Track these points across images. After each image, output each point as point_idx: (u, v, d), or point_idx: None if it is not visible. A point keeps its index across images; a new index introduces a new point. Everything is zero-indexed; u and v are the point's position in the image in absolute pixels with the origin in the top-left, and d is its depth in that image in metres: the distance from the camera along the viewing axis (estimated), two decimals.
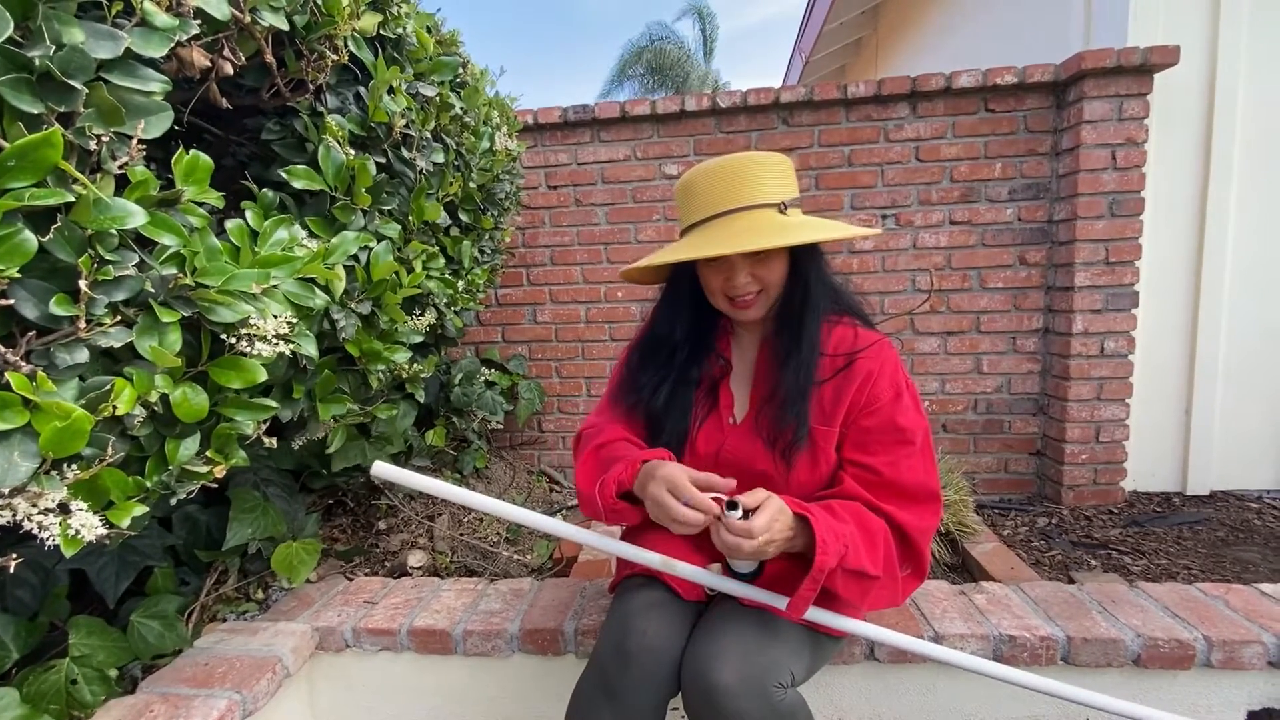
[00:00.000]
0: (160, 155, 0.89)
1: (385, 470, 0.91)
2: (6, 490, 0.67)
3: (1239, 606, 1.23)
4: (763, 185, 0.94)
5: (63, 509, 0.72)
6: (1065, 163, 2.13)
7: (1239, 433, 2.18)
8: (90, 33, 0.68)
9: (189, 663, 1.16)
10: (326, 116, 1.11)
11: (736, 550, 0.83)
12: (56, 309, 0.69)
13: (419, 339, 1.40)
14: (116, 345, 0.75)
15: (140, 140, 0.75)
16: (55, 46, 0.65)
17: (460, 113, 1.54)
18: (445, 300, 1.55)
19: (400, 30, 1.25)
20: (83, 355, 0.72)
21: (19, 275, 0.64)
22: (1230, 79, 2.05)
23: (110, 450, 0.76)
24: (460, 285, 1.63)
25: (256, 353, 0.88)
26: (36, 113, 0.65)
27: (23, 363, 0.67)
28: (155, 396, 0.79)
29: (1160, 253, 2.13)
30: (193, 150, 0.84)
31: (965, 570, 1.72)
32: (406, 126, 1.28)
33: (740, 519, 0.83)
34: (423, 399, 1.54)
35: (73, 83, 0.67)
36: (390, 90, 1.21)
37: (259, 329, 0.88)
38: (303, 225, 1.08)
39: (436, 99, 1.39)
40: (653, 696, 0.92)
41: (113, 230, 0.72)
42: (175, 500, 0.91)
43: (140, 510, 0.81)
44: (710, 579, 0.95)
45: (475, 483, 2.29)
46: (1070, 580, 1.62)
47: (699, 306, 1.07)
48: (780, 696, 0.86)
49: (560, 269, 2.51)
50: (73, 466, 0.73)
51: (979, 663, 0.95)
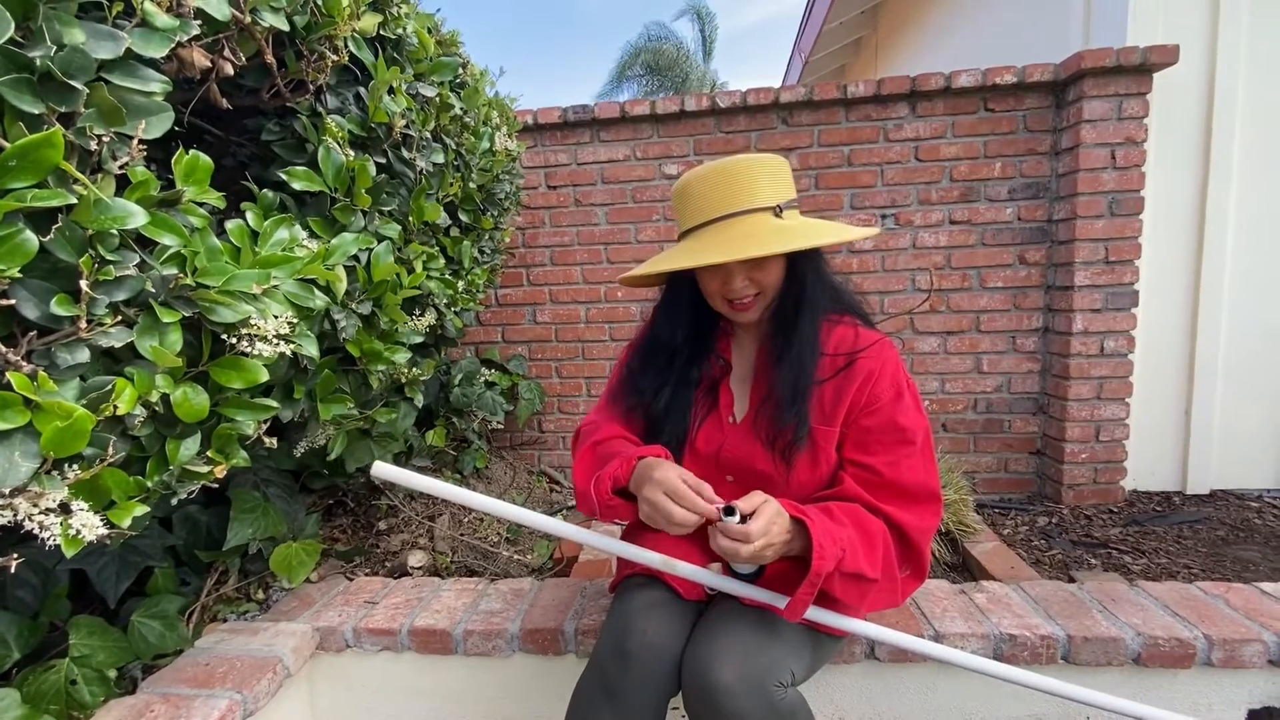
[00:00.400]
0: (160, 155, 0.89)
1: (385, 470, 0.91)
2: (7, 490, 0.67)
3: (1239, 605, 1.23)
4: (758, 189, 0.93)
5: (64, 509, 0.72)
6: (1065, 162, 2.13)
7: (1239, 432, 2.18)
8: (91, 33, 0.69)
9: (189, 663, 1.16)
10: (326, 117, 1.11)
11: (734, 555, 0.83)
12: (57, 309, 0.69)
13: (419, 339, 1.40)
14: (117, 345, 0.75)
15: (141, 141, 0.75)
16: (56, 47, 0.66)
17: (460, 113, 1.55)
18: (445, 301, 1.55)
19: (400, 31, 1.25)
20: (84, 355, 0.73)
21: (20, 275, 0.64)
22: (1230, 78, 2.05)
23: (111, 450, 0.76)
24: (460, 285, 1.63)
25: (257, 353, 0.88)
26: (37, 113, 0.65)
27: (24, 363, 0.67)
28: (156, 396, 0.80)
29: (1160, 252, 2.13)
30: (193, 151, 0.84)
31: (965, 569, 1.72)
32: (406, 127, 1.28)
33: (737, 524, 0.83)
34: (421, 402, 1.54)
35: (73, 83, 0.67)
36: (390, 91, 1.21)
37: (260, 329, 0.88)
38: (303, 226, 1.08)
39: (436, 99, 1.39)
40: (653, 696, 0.92)
41: (113, 230, 0.72)
42: (176, 500, 0.91)
43: (141, 510, 0.81)
44: (710, 578, 0.95)
45: (475, 483, 2.29)
46: (1070, 579, 1.62)
47: (698, 308, 1.07)
48: (780, 696, 0.86)
49: (560, 269, 2.52)
50: (74, 466, 0.73)
51: (979, 661, 0.95)
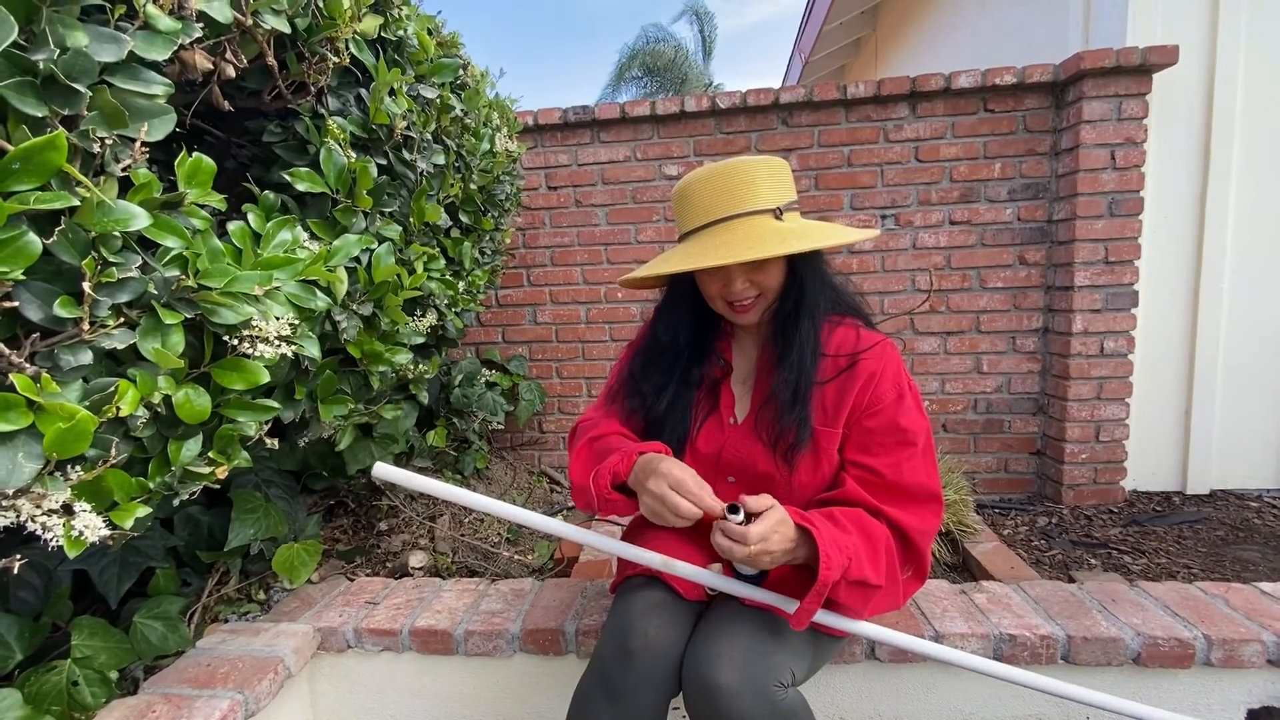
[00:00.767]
0: (162, 157, 0.89)
1: (386, 471, 0.92)
2: (11, 491, 0.67)
3: (1239, 605, 1.24)
4: (758, 191, 0.93)
5: (66, 510, 0.73)
6: (1065, 162, 2.13)
7: (1239, 432, 2.18)
8: (94, 36, 0.69)
9: (191, 663, 1.16)
10: (328, 119, 1.11)
11: (728, 554, 0.83)
12: (60, 311, 0.69)
13: (420, 340, 1.40)
14: (120, 347, 0.76)
15: (143, 143, 0.75)
16: (59, 50, 0.66)
17: (461, 114, 1.55)
18: (446, 301, 1.55)
19: (401, 32, 1.26)
20: (86, 357, 0.73)
21: (23, 277, 0.65)
22: (1229, 78, 2.05)
23: (114, 451, 0.76)
24: (461, 286, 1.64)
25: (259, 354, 0.88)
26: (40, 116, 0.66)
27: (27, 364, 0.68)
28: (158, 398, 0.80)
29: (1160, 252, 2.13)
30: (195, 153, 0.85)
31: (966, 570, 1.72)
32: (407, 128, 1.28)
33: (738, 523, 0.83)
34: (425, 400, 1.54)
35: (76, 86, 0.67)
36: (391, 92, 1.21)
37: (261, 330, 0.88)
38: (304, 227, 1.08)
39: (437, 101, 1.39)
40: (654, 696, 0.92)
41: (116, 232, 0.72)
42: (177, 501, 0.91)
43: (143, 511, 0.81)
44: (711, 579, 0.95)
45: (476, 483, 2.29)
46: (1070, 579, 1.62)
47: (698, 310, 1.07)
48: (781, 696, 0.86)
49: (560, 269, 2.52)
50: (76, 468, 0.73)
51: (980, 662, 0.95)
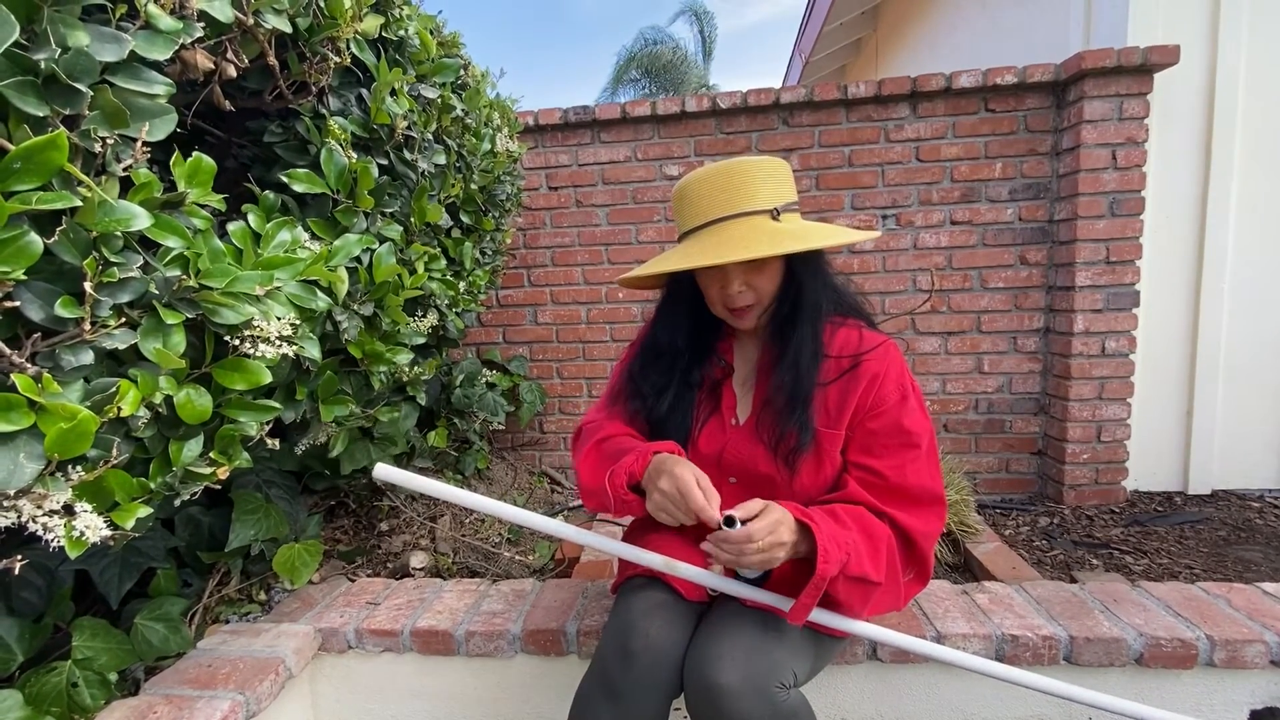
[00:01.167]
0: (163, 157, 0.89)
1: (387, 472, 0.91)
2: (12, 492, 0.67)
3: (1241, 606, 1.23)
4: (755, 191, 0.93)
5: (67, 510, 0.72)
6: (1066, 162, 2.13)
7: (1240, 432, 2.18)
8: (95, 35, 0.69)
9: (192, 664, 1.16)
10: (329, 119, 1.11)
11: (741, 558, 0.83)
12: (62, 311, 0.69)
13: (421, 340, 1.40)
14: (121, 347, 0.76)
15: (144, 143, 0.75)
16: (60, 49, 0.66)
17: (461, 114, 1.55)
18: (447, 301, 1.55)
19: (402, 32, 1.26)
20: (88, 357, 0.73)
21: (25, 277, 0.64)
22: (1230, 78, 2.05)
23: (115, 452, 0.76)
24: (461, 286, 1.63)
25: (260, 354, 0.88)
26: (42, 115, 0.65)
27: (28, 364, 0.68)
28: (159, 398, 0.80)
29: (1161, 252, 2.13)
30: (196, 153, 0.84)
31: (967, 570, 1.72)
32: (408, 128, 1.28)
33: (738, 530, 0.83)
34: (424, 401, 1.54)
35: (78, 85, 0.67)
36: (392, 92, 1.21)
37: (262, 331, 0.88)
38: (305, 227, 1.08)
39: (438, 101, 1.39)
40: (655, 697, 0.92)
41: (117, 232, 0.72)
42: (179, 502, 0.91)
43: (144, 512, 0.81)
44: (712, 580, 0.95)
45: (477, 484, 2.29)
46: (1072, 580, 1.62)
47: (699, 311, 1.07)
48: (783, 697, 0.86)
49: (561, 270, 2.52)
50: (77, 468, 0.73)
51: (981, 663, 0.95)
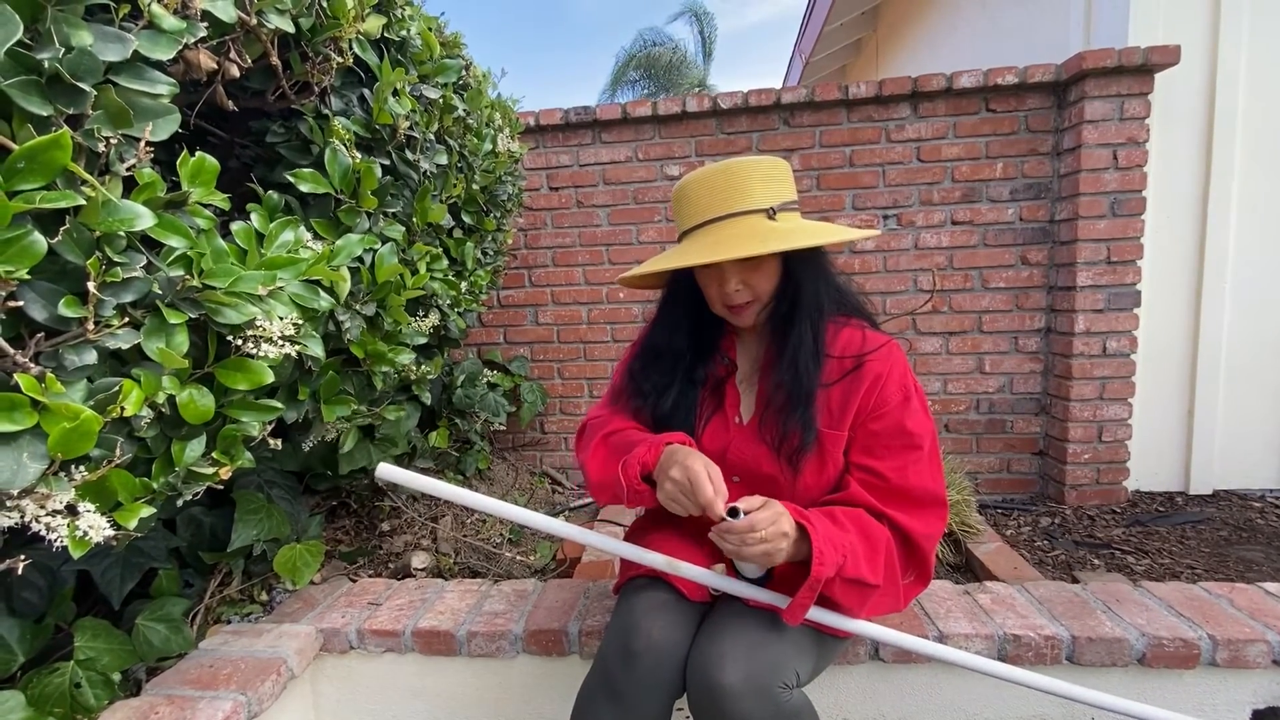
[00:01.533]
0: (166, 157, 0.89)
1: (389, 472, 0.91)
2: (15, 492, 0.67)
3: (1243, 605, 1.23)
4: (752, 191, 0.93)
5: (70, 510, 0.72)
6: (1067, 162, 2.13)
7: (1241, 432, 2.18)
8: (99, 35, 0.69)
9: (193, 664, 1.16)
10: (332, 119, 1.11)
11: (743, 549, 0.83)
12: (65, 311, 0.69)
13: (423, 340, 1.40)
14: (124, 347, 0.75)
15: (147, 143, 0.75)
16: (64, 49, 0.66)
17: (463, 115, 1.55)
18: (448, 301, 1.55)
19: (404, 33, 1.26)
20: (91, 357, 0.73)
21: (28, 277, 0.64)
22: (1231, 78, 2.05)
23: (118, 451, 0.76)
24: (463, 286, 1.64)
25: (263, 354, 0.88)
26: (46, 115, 0.66)
27: (32, 364, 0.68)
28: (162, 398, 0.80)
29: (1162, 252, 2.13)
30: (199, 153, 0.84)
31: (969, 570, 1.72)
32: (410, 128, 1.28)
33: (742, 520, 0.83)
34: (428, 400, 1.54)
35: (81, 85, 0.67)
36: (395, 92, 1.22)
37: (265, 330, 0.88)
38: (308, 227, 1.08)
39: (440, 101, 1.39)
40: (658, 697, 0.92)
41: (121, 232, 0.72)
42: (181, 502, 0.91)
43: (147, 512, 0.81)
44: (714, 579, 0.95)
45: (478, 484, 2.29)
46: (1074, 580, 1.62)
47: (699, 310, 1.07)
48: (786, 697, 0.86)
49: (562, 270, 2.52)
50: (81, 468, 0.73)
51: (983, 662, 0.95)
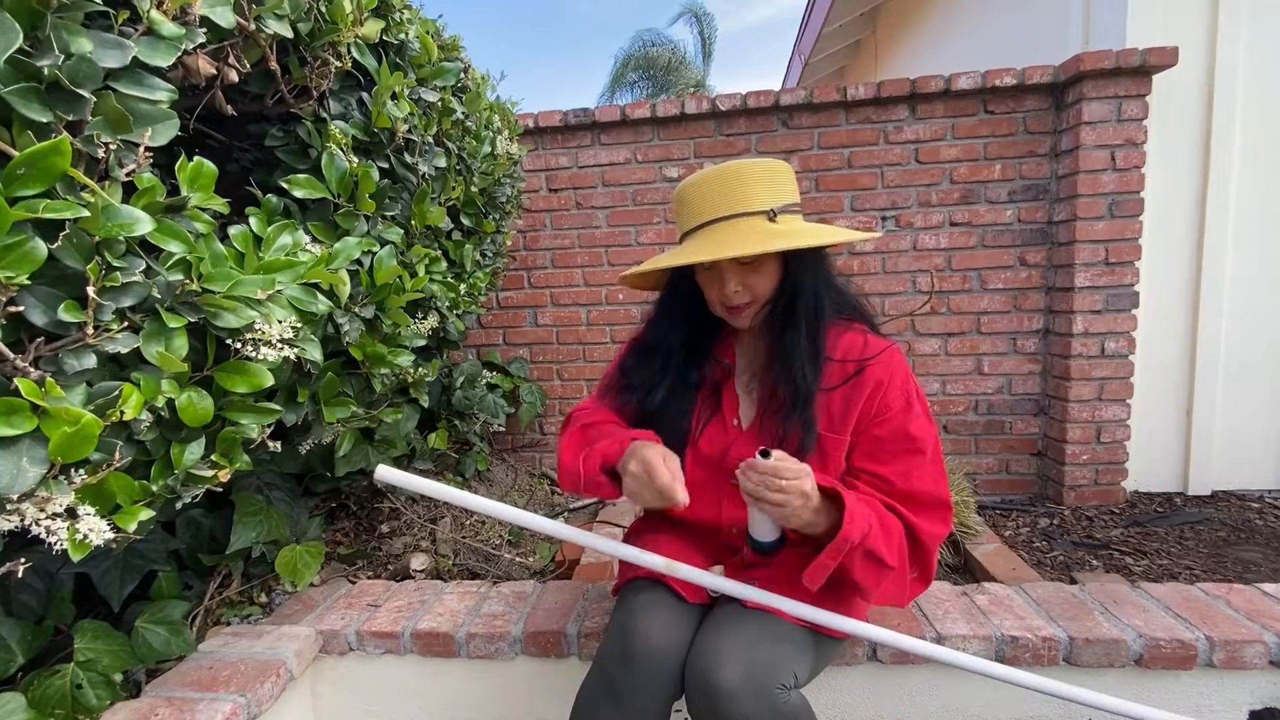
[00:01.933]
0: (165, 161, 0.89)
1: (388, 474, 0.92)
2: (15, 496, 0.67)
3: (1241, 606, 1.24)
4: (752, 193, 0.93)
5: (70, 514, 0.73)
6: (1065, 164, 2.14)
7: (1240, 432, 2.18)
8: (98, 42, 0.69)
9: (193, 666, 1.17)
10: (330, 123, 1.12)
11: (762, 491, 0.83)
12: (65, 315, 0.70)
13: (422, 342, 1.40)
14: (124, 351, 0.76)
15: (147, 148, 0.75)
16: (64, 56, 0.66)
17: (462, 117, 1.55)
18: (447, 303, 1.55)
19: (403, 36, 1.26)
20: (90, 361, 0.73)
21: (28, 282, 0.65)
22: (1229, 79, 2.05)
23: (117, 455, 0.77)
24: (462, 288, 1.64)
25: (261, 357, 0.89)
26: (45, 121, 0.66)
27: (31, 369, 0.68)
28: (162, 401, 0.80)
29: (1160, 253, 2.14)
30: (197, 157, 0.85)
31: (967, 571, 1.72)
32: (409, 131, 1.28)
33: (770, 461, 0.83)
34: (426, 403, 1.54)
35: (81, 91, 0.67)
36: (393, 96, 1.22)
37: (264, 334, 0.88)
38: (306, 231, 1.09)
39: (438, 104, 1.40)
40: (656, 699, 0.92)
41: (120, 237, 0.72)
42: (180, 504, 0.92)
43: (147, 514, 0.81)
44: (713, 581, 0.95)
45: (477, 485, 2.29)
46: (1072, 581, 1.62)
47: (697, 312, 1.07)
48: (784, 698, 0.86)
49: (561, 271, 2.52)
50: (80, 471, 0.74)
51: (981, 663, 0.95)
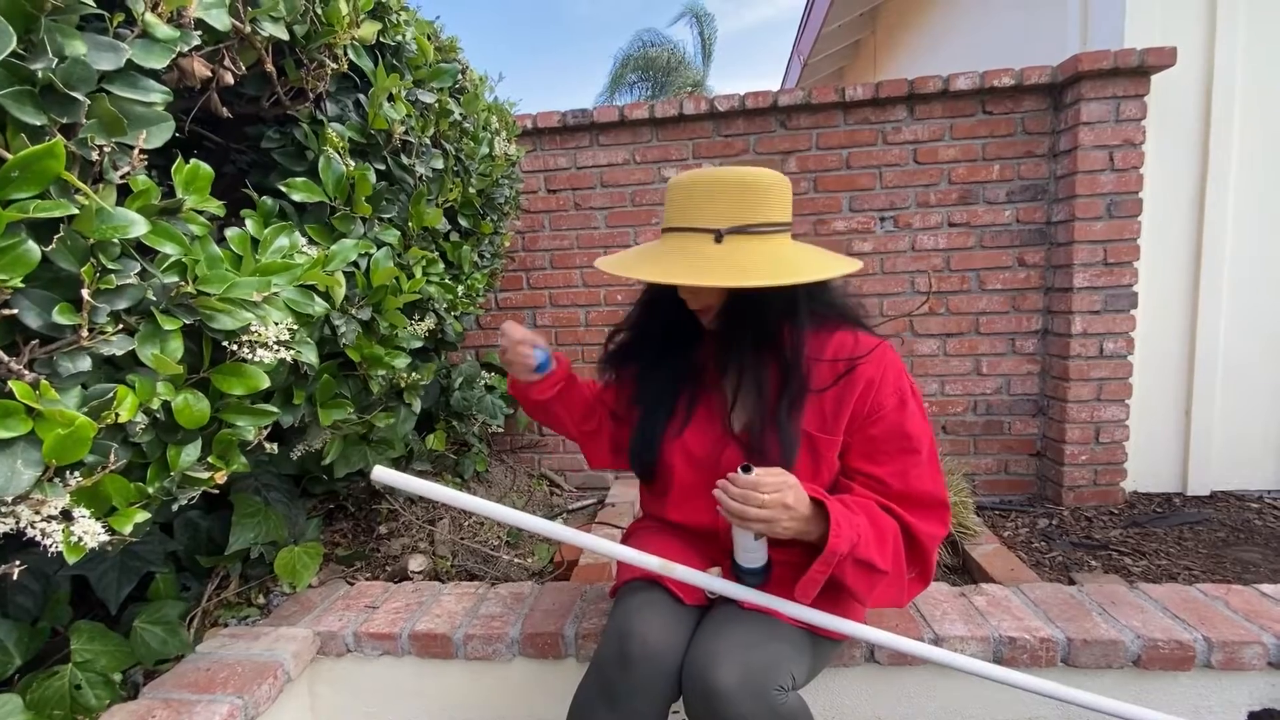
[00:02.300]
0: (161, 163, 0.89)
1: (386, 475, 0.92)
2: (10, 498, 0.67)
3: (1239, 607, 1.23)
4: (705, 210, 0.89)
5: (65, 516, 0.73)
6: (1063, 164, 2.14)
7: (1239, 433, 2.18)
8: (92, 45, 0.69)
9: (191, 668, 1.17)
10: (326, 125, 1.11)
11: (744, 507, 0.83)
12: (59, 318, 0.69)
13: (419, 344, 1.40)
14: (119, 353, 0.76)
15: (142, 150, 0.75)
16: (58, 59, 0.66)
17: (459, 119, 1.55)
18: (445, 305, 1.55)
19: (399, 38, 1.26)
20: (85, 363, 0.73)
21: (22, 285, 0.65)
22: (1227, 79, 2.05)
23: (113, 457, 0.76)
24: (460, 290, 1.64)
25: (258, 359, 0.89)
26: (39, 124, 0.66)
27: (26, 371, 0.68)
28: (157, 403, 0.80)
29: (1159, 253, 2.13)
30: (193, 159, 0.85)
31: (965, 572, 1.72)
32: (406, 133, 1.28)
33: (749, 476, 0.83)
34: (419, 407, 1.54)
35: (75, 94, 0.67)
36: (390, 97, 1.22)
37: (260, 336, 0.88)
38: (302, 232, 1.09)
39: (436, 105, 1.40)
40: (654, 700, 0.92)
41: (115, 239, 0.72)
42: (177, 506, 0.92)
43: (142, 516, 0.81)
44: (710, 581, 0.95)
45: (476, 487, 2.29)
46: (1070, 581, 1.62)
47: (674, 305, 1.05)
48: (781, 699, 0.86)
49: (560, 272, 2.52)
50: (75, 474, 0.73)
51: (979, 665, 0.95)
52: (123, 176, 0.75)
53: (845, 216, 2.33)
